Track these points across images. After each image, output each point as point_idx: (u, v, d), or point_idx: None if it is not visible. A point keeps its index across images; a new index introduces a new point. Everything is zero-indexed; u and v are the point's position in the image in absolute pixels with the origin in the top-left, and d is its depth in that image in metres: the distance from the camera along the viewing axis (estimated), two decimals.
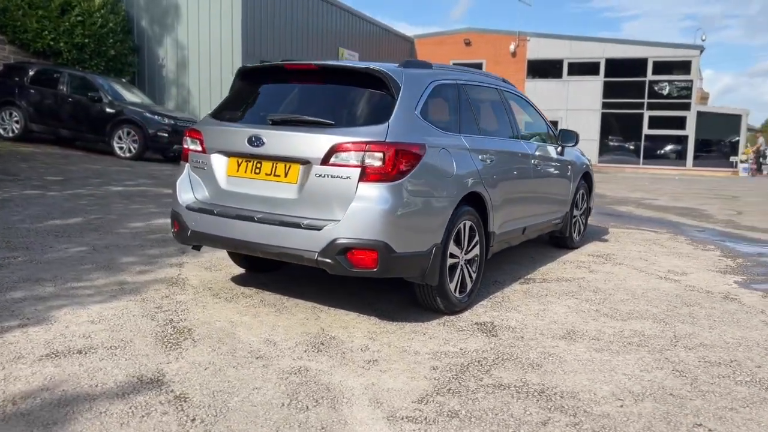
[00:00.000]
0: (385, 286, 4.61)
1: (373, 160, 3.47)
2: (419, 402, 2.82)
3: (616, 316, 4.25)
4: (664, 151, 29.92)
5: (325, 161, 3.54)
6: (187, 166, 4.13)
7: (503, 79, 5.59)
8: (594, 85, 29.63)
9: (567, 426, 2.65)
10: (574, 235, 6.58)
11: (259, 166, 3.78)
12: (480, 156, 4.33)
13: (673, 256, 6.52)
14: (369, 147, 3.48)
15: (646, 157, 29.83)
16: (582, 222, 6.82)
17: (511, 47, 30.44)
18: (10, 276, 4.36)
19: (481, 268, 4.38)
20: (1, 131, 13.63)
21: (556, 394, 2.97)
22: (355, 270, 3.51)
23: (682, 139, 29.37)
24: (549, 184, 5.71)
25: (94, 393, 2.73)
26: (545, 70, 30.39)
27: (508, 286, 4.94)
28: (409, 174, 3.58)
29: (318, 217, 3.58)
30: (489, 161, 4.44)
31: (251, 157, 3.80)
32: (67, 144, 14.12)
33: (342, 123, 3.72)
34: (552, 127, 6.14)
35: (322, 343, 3.48)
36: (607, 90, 29.56)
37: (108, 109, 13.38)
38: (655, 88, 29.22)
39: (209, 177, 3.99)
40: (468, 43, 31.08)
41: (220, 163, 3.94)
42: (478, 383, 3.05)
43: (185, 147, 4.14)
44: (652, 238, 7.71)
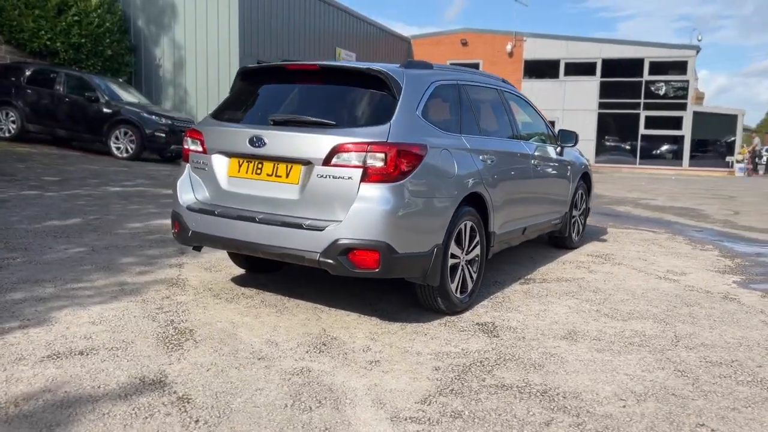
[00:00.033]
0: (385, 286, 4.61)
1: (374, 161, 3.47)
2: (422, 403, 2.82)
3: (617, 316, 4.26)
4: (660, 151, 30.01)
5: (326, 162, 3.53)
6: (188, 166, 4.12)
7: (503, 80, 5.59)
8: (590, 86, 29.71)
9: (570, 426, 2.66)
10: (573, 235, 6.59)
11: (260, 166, 3.77)
12: (481, 156, 4.33)
13: (672, 256, 6.53)
14: (371, 147, 3.47)
15: (643, 157, 29.92)
16: (581, 222, 6.83)
17: (508, 47, 30.50)
18: (9, 277, 4.35)
19: (481, 268, 4.38)
20: None
21: (558, 394, 2.97)
22: (356, 270, 3.51)
23: (678, 139, 29.48)
24: (549, 184, 5.72)
25: (97, 394, 2.73)
26: (542, 70, 30.46)
27: (508, 286, 4.94)
28: (410, 174, 3.57)
29: (320, 218, 3.58)
30: (489, 161, 4.44)
31: (252, 157, 3.79)
32: (64, 144, 14.09)
33: (343, 123, 3.71)
34: (551, 127, 6.15)
35: (324, 344, 3.48)
36: (604, 90, 29.65)
37: (105, 109, 13.36)
38: (652, 89, 29.32)
39: (210, 177, 3.98)
40: (465, 44, 31.12)
41: (221, 164, 3.93)
42: (481, 384, 3.05)
43: (186, 147, 4.13)
44: (650, 238, 7.73)
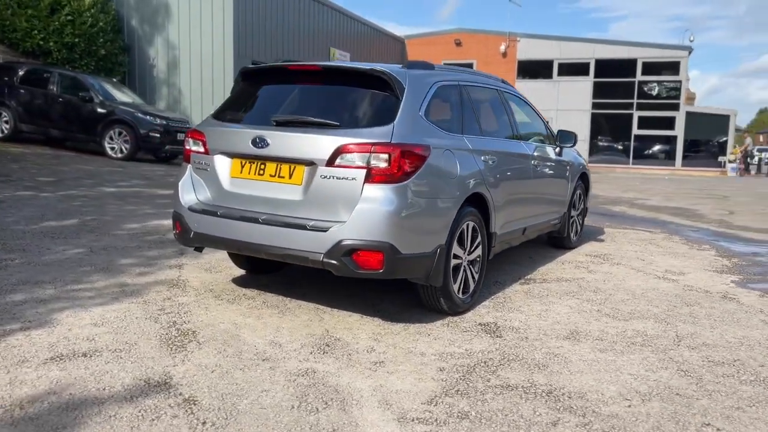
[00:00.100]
0: (386, 287, 4.61)
1: (378, 162, 3.47)
2: (428, 403, 2.82)
3: (618, 316, 4.27)
4: (653, 151, 30.13)
5: (330, 162, 3.52)
6: (189, 167, 4.10)
7: (502, 80, 5.60)
8: (584, 86, 29.78)
9: (577, 426, 2.66)
10: (572, 235, 6.61)
11: (263, 167, 3.76)
12: (482, 157, 4.33)
13: (670, 256, 6.56)
14: (374, 148, 3.47)
15: (636, 157, 30.03)
16: (579, 222, 6.85)
17: (502, 48, 30.53)
18: (8, 278, 4.32)
19: (483, 268, 4.38)
20: None
21: (564, 394, 2.98)
22: (360, 271, 3.50)
23: (671, 140, 29.59)
24: (548, 184, 5.73)
25: (102, 396, 2.71)
26: (535, 70, 30.50)
27: (509, 286, 4.95)
28: (414, 175, 3.57)
29: (323, 219, 3.57)
30: (491, 162, 4.44)
31: (255, 158, 3.78)
32: (58, 144, 14.00)
33: (347, 124, 3.71)
34: (550, 127, 6.16)
35: (328, 345, 3.47)
36: (597, 90, 29.72)
37: (99, 109, 13.28)
38: (645, 89, 29.41)
39: (212, 178, 3.96)
40: (458, 44, 31.12)
41: (223, 165, 3.91)
42: (486, 384, 3.05)
43: (187, 148, 4.11)
44: (647, 238, 7.76)
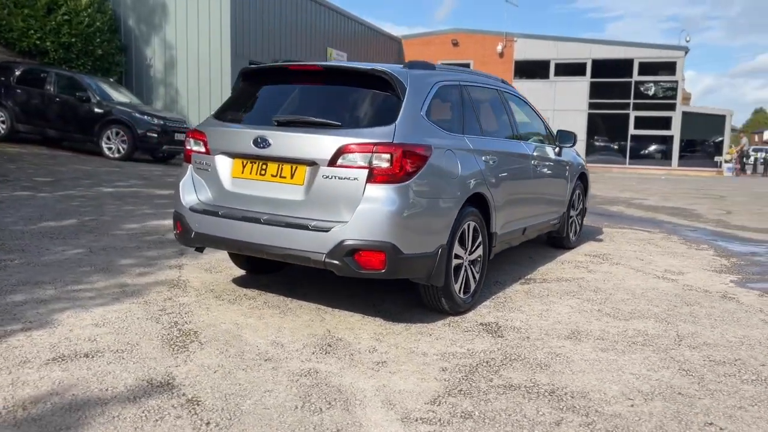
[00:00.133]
0: (386, 286, 4.61)
1: (380, 162, 3.46)
2: (432, 403, 2.82)
3: (619, 315, 4.28)
4: (649, 151, 30.21)
5: (332, 162, 3.52)
6: (190, 167, 4.09)
7: (502, 80, 5.60)
8: (580, 86, 29.86)
9: (580, 426, 2.67)
10: (571, 235, 6.62)
11: (264, 167, 3.75)
12: (483, 157, 4.34)
13: (669, 256, 6.57)
14: (377, 148, 3.47)
15: (632, 157, 30.11)
16: (578, 222, 6.86)
17: (499, 48, 30.57)
18: (8, 279, 4.30)
19: (484, 268, 4.38)
20: None
21: (566, 394, 2.98)
22: (362, 271, 3.50)
23: (667, 139, 29.68)
24: (548, 184, 5.74)
25: (105, 397, 2.70)
26: (532, 70, 30.56)
27: (509, 286, 4.95)
28: (416, 175, 3.57)
29: (325, 219, 3.57)
30: (491, 162, 4.44)
31: (257, 158, 3.77)
32: (54, 144, 13.96)
33: (348, 124, 3.70)
34: (550, 127, 6.17)
35: (330, 345, 3.47)
36: (594, 90, 29.80)
37: (96, 109, 13.25)
38: (641, 89, 29.51)
39: (213, 178, 3.95)
40: (455, 44, 31.15)
41: (224, 165, 3.91)
42: (489, 384, 3.06)
43: (188, 148, 4.10)
44: (645, 238, 7.78)
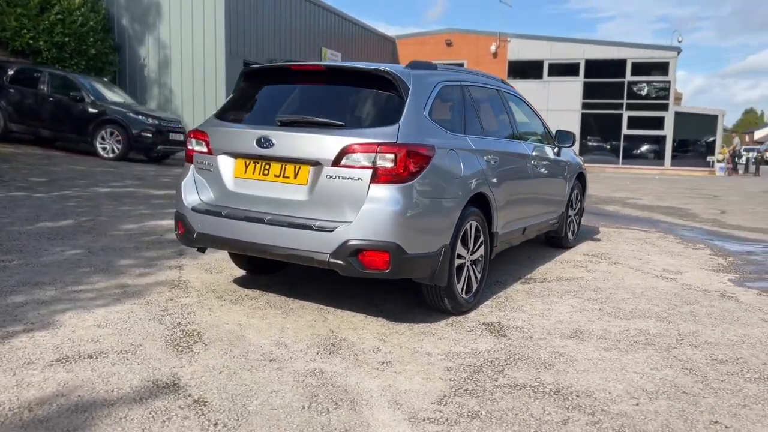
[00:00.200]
0: (388, 286, 4.61)
1: (384, 162, 3.46)
2: (438, 403, 2.82)
3: (620, 315, 4.30)
4: (642, 150, 30.32)
5: (336, 162, 3.52)
6: (192, 167, 4.08)
7: (502, 80, 5.61)
8: (574, 86, 29.90)
9: (587, 425, 2.67)
10: (569, 234, 6.64)
11: (267, 167, 3.74)
12: (484, 157, 4.34)
13: (666, 255, 6.60)
14: (380, 148, 3.46)
15: (625, 157, 30.20)
16: (576, 222, 6.88)
17: (492, 48, 30.59)
18: (8, 280, 4.27)
19: (485, 268, 4.39)
20: None
21: (572, 393, 2.99)
22: (366, 271, 3.50)
23: (660, 139, 29.79)
24: (547, 184, 5.75)
25: (111, 398, 2.69)
26: (526, 70, 30.58)
27: (510, 286, 4.96)
28: (419, 175, 3.57)
29: (329, 219, 3.56)
30: (493, 162, 4.45)
31: (260, 158, 3.76)
32: (48, 144, 13.88)
33: (351, 124, 3.70)
34: (548, 127, 6.19)
35: (333, 345, 3.46)
36: (587, 91, 29.86)
37: (90, 109, 13.18)
38: (634, 89, 29.59)
39: (215, 178, 3.94)
40: (449, 44, 31.15)
41: (227, 165, 3.89)
42: (494, 383, 3.06)
43: (190, 148, 4.08)
44: (642, 237, 7.81)
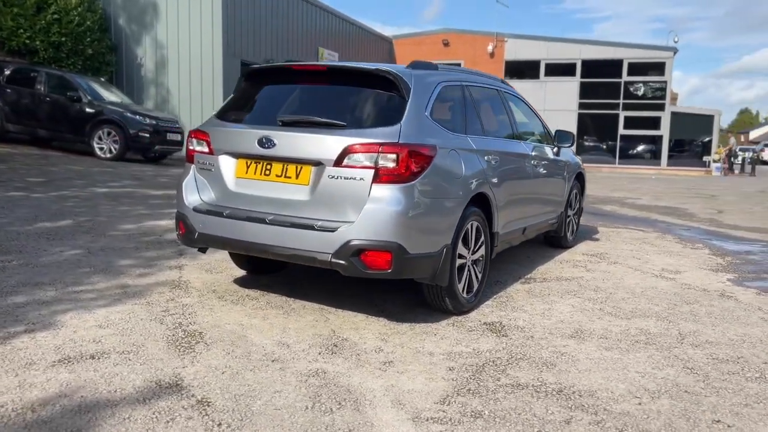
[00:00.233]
0: (387, 286, 4.61)
1: (386, 162, 3.46)
2: (441, 403, 2.83)
3: (620, 314, 4.31)
4: (639, 150, 30.39)
5: (338, 162, 3.52)
6: (193, 167, 4.07)
7: (501, 80, 5.62)
8: (571, 86, 29.97)
9: (590, 424, 2.68)
10: (568, 234, 6.66)
11: (269, 167, 3.74)
12: (485, 157, 4.35)
13: (665, 255, 6.62)
14: (382, 148, 3.46)
15: (622, 157, 30.28)
16: (575, 222, 6.90)
17: (489, 48, 30.62)
18: (8, 280, 4.26)
19: (486, 268, 4.40)
20: None
21: (574, 393, 2.99)
22: (368, 271, 3.50)
23: (656, 139, 29.87)
24: (547, 184, 5.76)
25: (114, 399, 2.69)
26: (523, 70, 30.62)
27: (510, 286, 4.97)
28: (421, 175, 3.57)
29: (331, 219, 3.56)
30: (493, 162, 4.46)
31: (261, 158, 3.76)
32: (44, 144, 13.84)
33: (353, 124, 3.70)
34: (548, 127, 6.20)
35: (335, 345, 3.46)
36: (584, 91, 29.92)
37: (87, 109, 13.16)
38: (630, 89, 29.67)
39: (217, 179, 3.93)
40: (446, 44, 31.17)
41: (228, 165, 3.89)
42: (496, 383, 3.07)
43: (191, 148, 4.08)
44: (641, 237, 7.83)
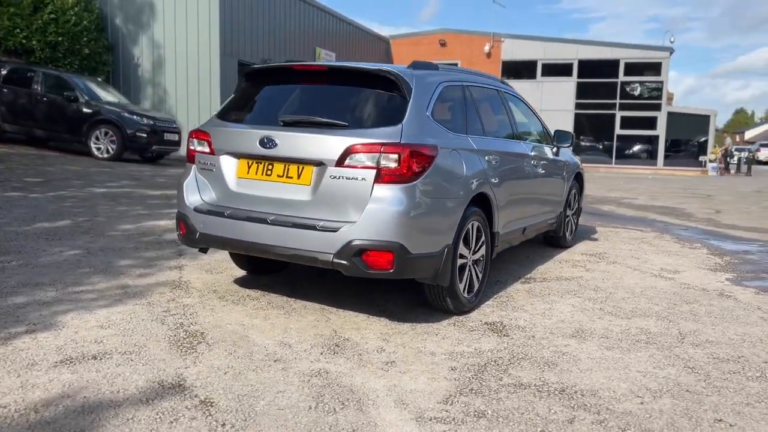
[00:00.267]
0: (388, 286, 4.61)
1: (388, 162, 3.47)
2: (444, 403, 2.83)
3: (620, 314, 4.32)
4: (635, 150, 30.47)
5: (339, 163, 3.52)
6: (194, 167, 4.07)
7: (501, 80, 5.63)
8: (567, 86, 30.03)
9: (593, 423, 2.69)
10: (567, 234, 6.67)
11: (270, 167, 3.74)
12: (486, 157, 4.35)
13: (663, 255, 6.64)
14: (384, 148, 3.47)
15: (618, 156, 30.35)
16: (574, 221, 6.91)
17: (486, 48, 30.67)
18: (7, 281, 4.25)
19: (486, 268, 4.40)
20: None
21: (576, 392, 3.00)
22: (370, 271, 3.50)
23: (652, 139, 29.95)
24: (546, 184, 5.77)
25: (117, 399, 2.68)
26: (519, 71, 30.67)
27: (510, 285, 4.98)
28: (422, 175, 3.58)
29: (333, 219, 3.56)
30: (494, 162, 4.46)
31: (263, 158, 3.76)
32: (41, 144, 13.82)
33: (355, 124, 3.70)
34: (547, 127, 6.21)
35: (337, 345, 3.46)
36: (580, 91, 29.99)
37: (85, 109, 13.13)
38: (627, 89, 29.74)
39: (218, 179, 3.93)
40: (443, 44, 31.20)
41: (229, 165, 3.89)
42: (499, 383, 3.07)
43: (191, 148, 4.07)
44: (639, 237, 7.85)
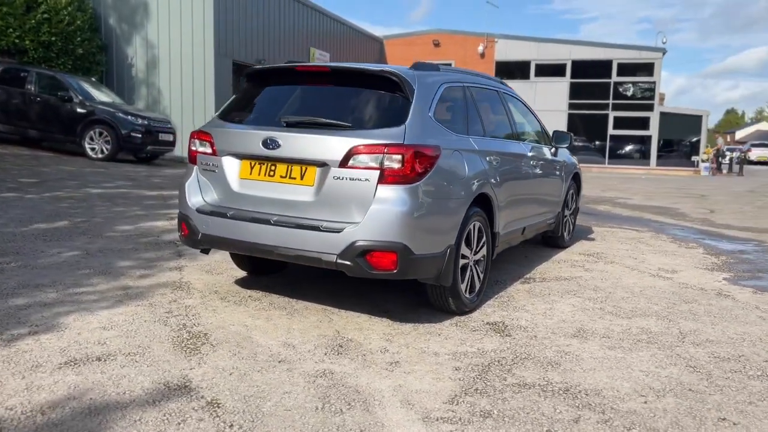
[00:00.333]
0: (388, 286, 4.62)
1: (392, 163, 3.47)
2: (450, 403, 2.84)
3: (621, 313, 4.34)
4: (628, 150, 30.60)
5: (343, 163, 3.52)
6: (196, 168, 4.06)
7: (501, 81, 5.65)
8: (560, 87, 30.11)
9: (598, 423, 2.70)
10: (565, 234, 6.70)
11: (273, 168, 3.74)
12: (487, 157, 4.37)
13: (660, 254, 6.68)
14: (388, 149, 3.47)
15: (612, 157, 30.47)
16: (572, 222, 6.94)
17: (480, 48, 30.70)
18: (7, 282, 4.23)
19: (487, 268, 4.42)
20: None
21: (580, 392, 3.02)
22: (374, 272, 3.51)
23: (645, 139, 30.08)
24: (545, 184, 5.79)
25: (124, 401, 2.68)
26: (513, 71, 30.71)
27: (510, 285, 5.00)
28: (425, 176, 3.59)
29: (336, 220, 3.57)
30: (494, 162, 4.48)
31: (266, 159, 3.76)
32: (34, 145, 13.74)
33: (358, 125, 3.71)
34: (545, 128, 6.24)
35: (341, 346, 3.47)
36: (574, 91, 30.08)
37: (79, 109, 13.07)
38: (620, 90, 29.86)
39: (220, 180, 3.93)
40: (437, 44, 31.22)
41: (232, 166, 3.88)
42: (503, 383, 3.08)
43: (193, 149, 4.07)
44: (635, 237, 7.89)
